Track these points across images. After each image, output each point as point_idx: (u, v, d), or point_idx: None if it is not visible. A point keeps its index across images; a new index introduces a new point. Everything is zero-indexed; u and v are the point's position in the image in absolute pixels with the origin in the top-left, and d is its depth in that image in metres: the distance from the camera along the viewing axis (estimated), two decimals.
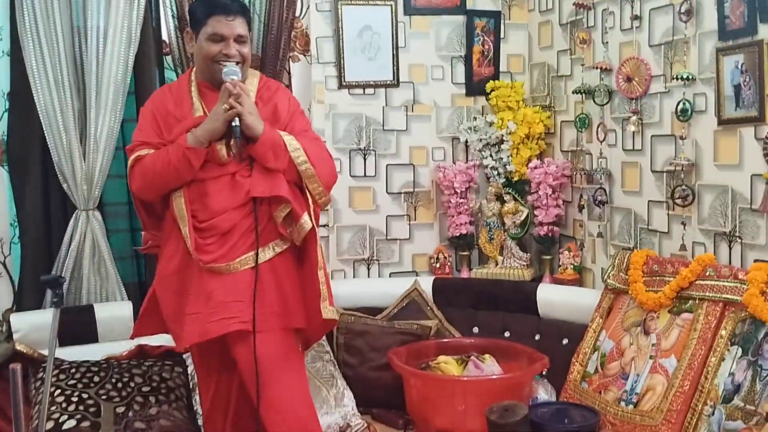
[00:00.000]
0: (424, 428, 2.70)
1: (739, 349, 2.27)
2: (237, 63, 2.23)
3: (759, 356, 2.20)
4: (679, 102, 2.66)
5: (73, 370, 2.59)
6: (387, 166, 3.49)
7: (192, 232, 2.18)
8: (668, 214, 2.78)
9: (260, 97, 2.31)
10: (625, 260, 2.80)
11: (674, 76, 2.67)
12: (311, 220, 2.24)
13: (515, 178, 3.44)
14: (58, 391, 2.51)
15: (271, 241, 2.23)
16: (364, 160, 3.47)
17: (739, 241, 2.47)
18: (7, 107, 2.86)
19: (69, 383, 2.54)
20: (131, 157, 2.25)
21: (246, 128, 2.16)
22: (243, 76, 2.26)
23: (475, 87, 3.54)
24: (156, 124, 2.27)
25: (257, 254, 2.18)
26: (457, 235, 3.46)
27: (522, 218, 3.42)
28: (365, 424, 2.72)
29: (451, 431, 2.60)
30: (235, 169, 2.22)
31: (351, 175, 3.45)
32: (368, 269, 3.50)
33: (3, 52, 2.84)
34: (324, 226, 3.39)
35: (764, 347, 2.19)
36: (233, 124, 2.15)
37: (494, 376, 2.71)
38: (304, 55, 3.26)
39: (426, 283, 3.29)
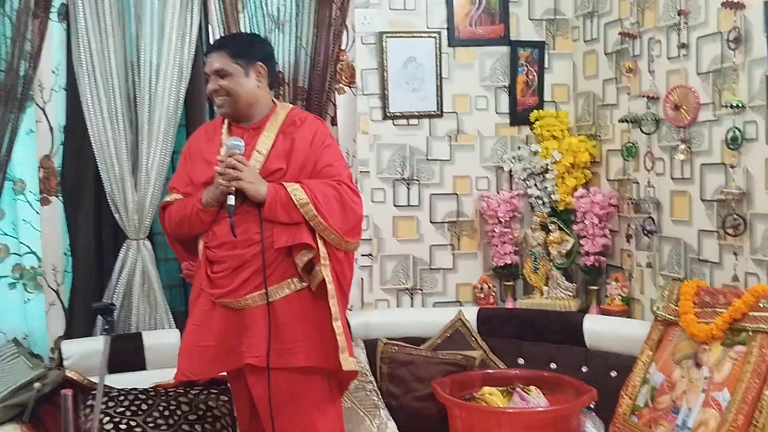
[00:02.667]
0: None
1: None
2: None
3: None
4: (729, 130, 2.62)
5: (122, 398, 2.62)
6: (431, 195, 3.50)
7: (205, 266, 2.24)
8: (719, 244, 2.72)
9: (282, 131, 2.30)
10: (676, 291, 2.74)
11: (723, 104, 2.63)
12: (326, 270, 2.19)
13: (560, 208, 3.41)
14: (107, 418, 2.54)
15: (288, 277, 2.21)
16: (408, 189, 3.48)
17: None
18: (63, 140, 2.95)
19: (117, 410, 2.58)
20: (162, 202, 2.37)
21: (250, 197, 2.18)
22: (232, 109, 2.29)
23: (519, 116, 3.54)
24: (186, 167, 2.38)
25: (266, 293, 2.17)
26: (502, 264, 3.44)
27: (568, 248, 3.38)
28: None
29: None
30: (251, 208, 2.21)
31: (395, 205, 3.47)
32: (411, 299, 3.50)
33: (60, 87, 2.94)
34: (368, 255, 3.40)
35: None
36: (227, 203, 2.18)
37: (541, 408, 2.66)
38: (350, 87, 3.30)
39: (470, 314, 3.26)
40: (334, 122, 3.22)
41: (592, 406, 2.71)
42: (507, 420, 2.60)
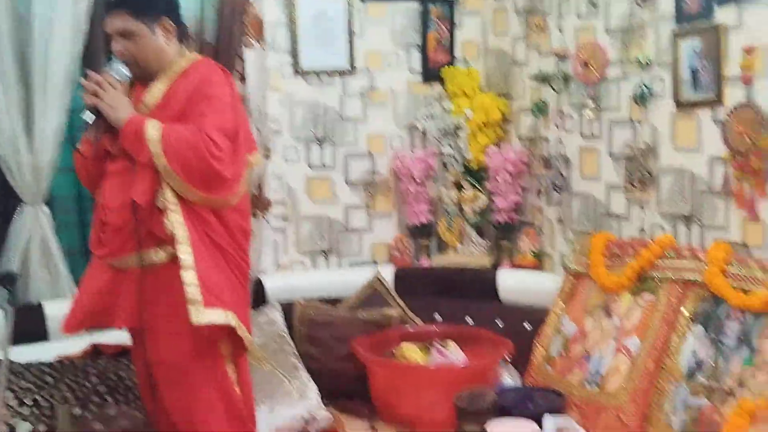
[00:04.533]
0: (390, 417, 2.67)
1: (701, 327, 2.31)
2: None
3: (720, 334, 2.24)
4: (636, 86, 2.69)
5: (26, 372, 2.48)
6: (345, 155, 3.44)
7: (95, 225, 2.19)
8: (627, 198, 2.82)
9: (173, 82, 2.18)
10: (586, 244, 2.83)
11: (631, 61, 2.69)
12: (175, 216, 2.07)
13: (473, 166, 3.44)
14: (11, 394, 2.39)
15: (164, 241, 2.09)
16: (321, 149, 3.41)
17: (698, 223, 2.52)
18: None
19: (21, 385, 2.43)
20: None
21: (108, 119, 2.08)
22: (141, 72, 2.16)
23: (431, 73, 3.52)
24: None
25: (140, 255, 2.09)
26: (417, 223, 3.45)
27: (481, 205, 3.42)
28: (330, 416, 2.68)
29: (418, 419, 2.58)
30: (125, 165, 2.12)
31: (309, 165, 3.40)
32: (327, 260, 3.46)
33: None
34: (282, 217, 3.33)
35: (725, 325, 2.23)
36: (84, 118, 2.10)
37: (460, 363, 2.70)
38: (258, 42, 3.18)
39: (387, 273, 3.26)
40: (243, 78, 3.10)
41: (508, 359, 2.77)
42: (427, 376, 2.62)
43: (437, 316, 3.17)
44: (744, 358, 2.15)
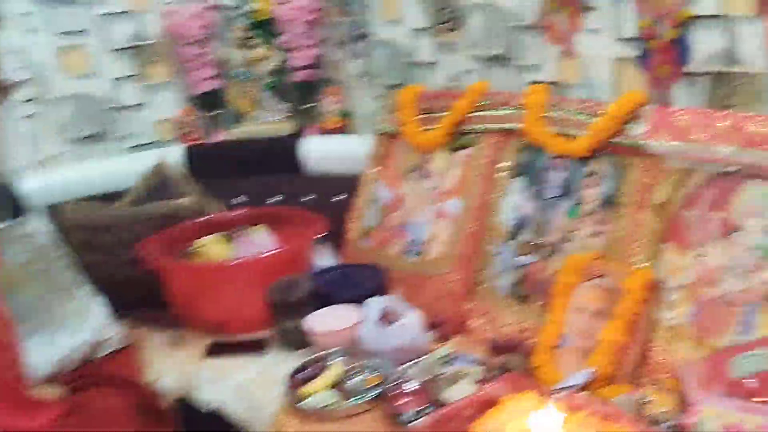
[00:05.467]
0: (197, 323, 2.32)
1: (522, 180, 2.11)
2: None
3: (543, 185, 2.06)
4: None
5: None
6: (100, 15, 2.81)
7: None
8: (435, 43, 2.51)
9: None
10: (394, 100, 2.51)
11: None
12: None
13: (261, 18, 2.95)
14: None
15: None
16: (70, 10, 2.76)
17: (512, 63, 2.27)
18: None
19: None
20: None
21: None
22: None
23: None
24: None
25: None
26: (203, 92, 2.96)
27: (274, 64, 2.98)
28: (123, 334, 2.28)
29: (228, 321, 2.26)
30: None
31: (54, 34, 2.74)
32: (99, 147, 2.90)
33: None
34: (30, 100, 2.70)
35: (547, 175, 2.05)
36: None
37: (267, 252, 2.35)
38: None
39: (174, 155, 2.79)
40: None
41: (322, 238, 2.48)
42: (229, 273, 2.26)
43: (242, 199, 2.79)
44: (568, 210, 1.99)
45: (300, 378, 1.92)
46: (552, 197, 2.03)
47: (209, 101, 2.99)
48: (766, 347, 1.47)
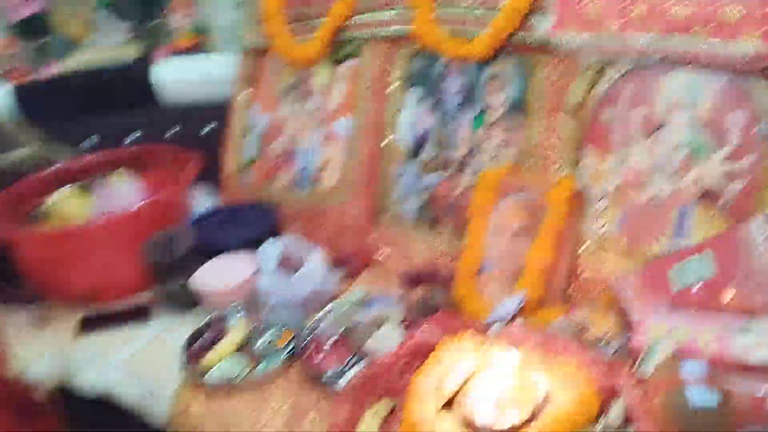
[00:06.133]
0: (60, 297, 1.98)
1: (418, 91, 1.90)
2: None
3: (441, 95, 1.86)
4: None
5: None
6: None
7: None
8: None
9: None
10: (258, 8, 2.18)
11: None
12: None
13: None
14: None
15: None
16: None
17: None
18: None
19: None
20: None
21: None
22: None
23: None
24: None
25: None
26: (22, 18, 2.48)
27: None
28: None
29: (99, 290, 1.94)
30: None
31: None
32: None
33: None
34: None
35: (445, 83, 1.85)
36: None
37: (134, 204, 2.02)
38: None
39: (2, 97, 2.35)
40: None
41: (196, 178, 2.17)
42: (95, 234, 1.92)
43: (93, 140, 2.40)
44: (473, 120, 1.80)
45: (198, 346, 1.67)
46: (453, 107, 1.83)
47: (31, 28, 2.52)
48: (705, 252, 1.37)
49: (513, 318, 1.52)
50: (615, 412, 1.21)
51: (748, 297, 1.29)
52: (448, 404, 1.32)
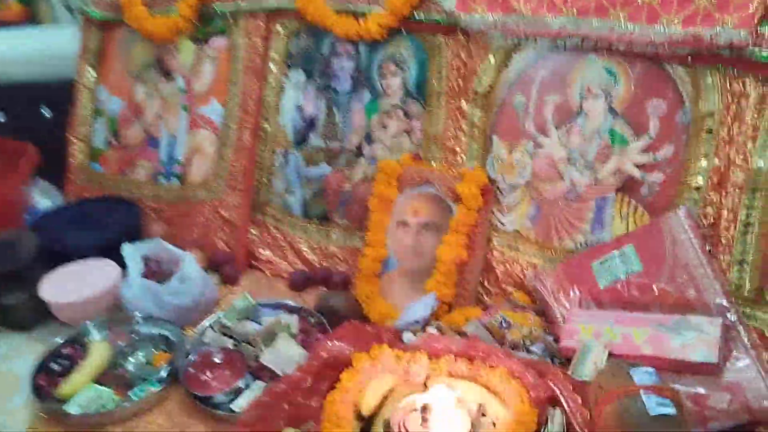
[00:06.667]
0: None
1: (302, 73, 1.71)
2: None
3: (329, 78, 1.68)
4: None
5: None
6: None
7: None
8: None
9: None
10: None
11: None
12: None
13: None
14: None
15: None
16: None
17: None
18: None
19: None
20: None
21: None
22: None
23: None
24: None
25: None
26: None
27: None
28: None
29: None
30: None
31: None
32: None
33: None
34: None
35: (333, 64, 1.67)
36: None
37: None
38: None
39: None
40: None
41: (34, 172, 1.84)
42: None
43: None
44: (366, 106, 1.64)
45: (53, 371, 1.38)
46: (343, 92, 1.66)
47: None
48: (627, 246, 1.31)
49: (425, 323, 1.38)
50: (557, 421, 1.11)
51: (676, 291, 1.24)
52: (367, 427, 1.16)
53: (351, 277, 1.59)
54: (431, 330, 1.34)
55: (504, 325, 1.34)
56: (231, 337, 1.42)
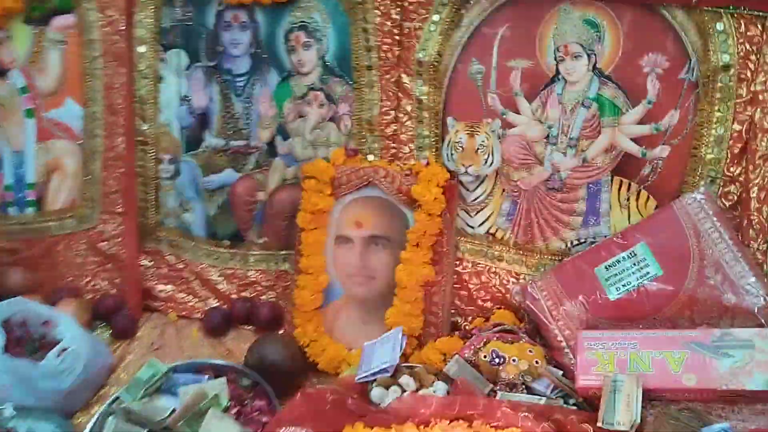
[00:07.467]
0: None
1: (183, 53, 1.31)
2: None
3: (220, 56, 1.30)
4: None
5: None
6: None
7: None
8: None
9: None
10: None
11: None
12: None
13: None
14: None
15: None
16: None
17: None
18: None
19: None
20: None
21: None
22: None
23: None
24: None
25: None
26: None
27: None
28: None
29: None
30: None
31: None
32: None
33: None
34: None
35: (223, 39, 1.30)
36: None
37: None
38: None
39: None
40: None
41: None
42: None
43: None
44: (275, 90, 1.28)
45: None
46: (240, 74, 1.29)
47: None
48: (639, 245, 1.05)
49: (395, 370, 1.07)
50: None
51: (709, 297, 1.00)
52: None
53: (281, 307, 1.25)
54: (406, 381, 1.04)
55: (496, 360, 1.06)
56: (140, 424, 1.06)
